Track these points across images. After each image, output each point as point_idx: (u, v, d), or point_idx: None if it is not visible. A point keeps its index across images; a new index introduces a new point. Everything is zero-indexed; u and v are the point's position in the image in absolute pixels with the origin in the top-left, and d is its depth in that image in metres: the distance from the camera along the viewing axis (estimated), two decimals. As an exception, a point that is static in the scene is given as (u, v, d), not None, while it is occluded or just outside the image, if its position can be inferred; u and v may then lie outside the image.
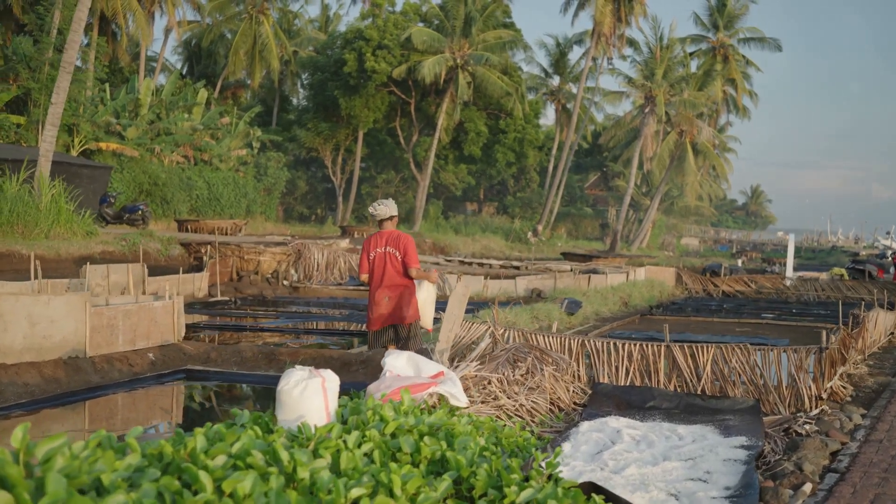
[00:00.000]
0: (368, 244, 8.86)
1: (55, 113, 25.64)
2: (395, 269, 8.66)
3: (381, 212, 8.78)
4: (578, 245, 55.68)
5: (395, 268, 8.66)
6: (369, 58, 49.52)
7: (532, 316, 13.55)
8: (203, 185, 45.36)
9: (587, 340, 8.88)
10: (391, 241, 8.74)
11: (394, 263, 8.65)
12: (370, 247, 8.80)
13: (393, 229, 8.88)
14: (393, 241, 8.74)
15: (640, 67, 51.85)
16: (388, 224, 8.84)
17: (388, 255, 8.66)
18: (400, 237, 8.76)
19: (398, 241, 8.72)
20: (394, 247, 8.69)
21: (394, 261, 8.66)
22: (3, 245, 21.79)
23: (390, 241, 8.73)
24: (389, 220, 8.84)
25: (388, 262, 8.64)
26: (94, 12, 44.51)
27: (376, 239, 8.80)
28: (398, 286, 8.64)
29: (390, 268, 8.64)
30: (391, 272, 8.63)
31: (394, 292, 8.61)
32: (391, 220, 8.86)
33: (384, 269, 8.64)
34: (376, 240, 8.80)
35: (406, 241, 8.74)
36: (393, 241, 8.74)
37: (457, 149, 57.48)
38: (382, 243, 8.73)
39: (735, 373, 8.62)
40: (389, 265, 8.63)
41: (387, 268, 8.63)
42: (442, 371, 6.17)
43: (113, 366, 8.77)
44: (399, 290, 8.62)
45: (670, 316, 18.39)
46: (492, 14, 51.66)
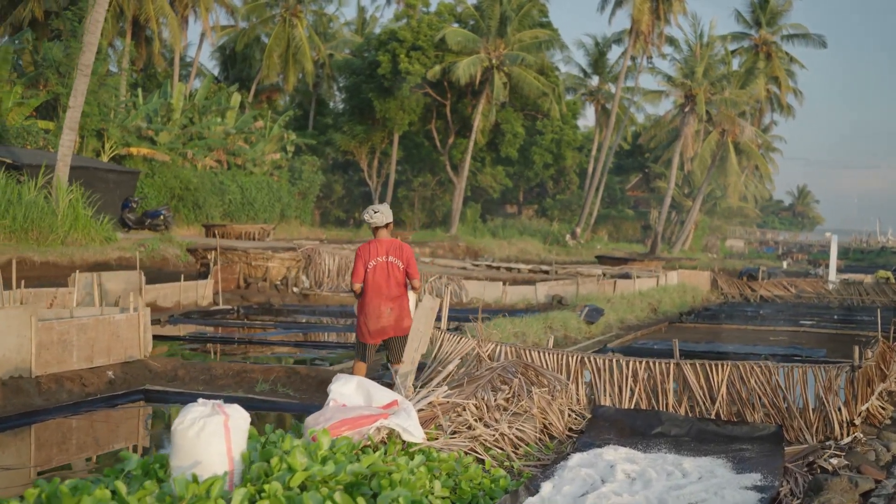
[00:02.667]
0: (366, 252, 8.28)
1: (73, 117, 25.14)
2: (397, 279, 8.20)
3: (378, 219, 8.23)
4: (618, 247, 54.49)
5: (397, 278, 8.19)
6: (403, 59, 48.84)
7: (545, 325, 12.62)
8: (236, 190, 44.95)
9: (587, 357, 7.94)
10: (393, 250, 8.25)
11: (396, 274, 8.18)
12: (368, 255, 8.25)
13: (392, 238, 8.38)
14: (395, 250, 8.27)
15: (679, 66, 50.58)
16: (383, 232, 8.31)
17: (390, 265, 8.18)
18: (402, 247, 8.35)
19: (401, 250, 8.30)
20: (396, 256, 8.23)
21: (396, 271, 8.18)
22: (16, 251, 21.28)
23: (392, 251, 8.23)
24: (385, 227, 8.31)
25: (390, 273, 8.18)
26: (126, 17, 44.38)
27: (375, 247, 8.23)
28: (399, 297, 8.20)
29: (392, 278, 8.18)
30: (393, 283, 8.20)
31: (395, 303, 8.15)
32: (387, 228, 8.34)
33: (387, 280, 8.15)
34: (375, 248, 8.23)
35: (408, 252, 8.35)
36: (395, 250, 8.27)
37: (493, 151, 56.61)
38: (383, 252, 8.19)
39: (754, 394, 7.63)
40: (392, 275, 8.19)
41: (389, 278, 8.17)
42: (395, 400, 5.29)
43: (62, 386, 8.00)
44: (400, 300, 8.19)
45: (701, 323, 17.37)
46: (528, 13, 50.73)
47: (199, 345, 12.33)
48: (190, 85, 51.72)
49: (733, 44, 55.20)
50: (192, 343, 12.38)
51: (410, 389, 6.19)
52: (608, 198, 68.35)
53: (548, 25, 54.13)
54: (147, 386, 8.44)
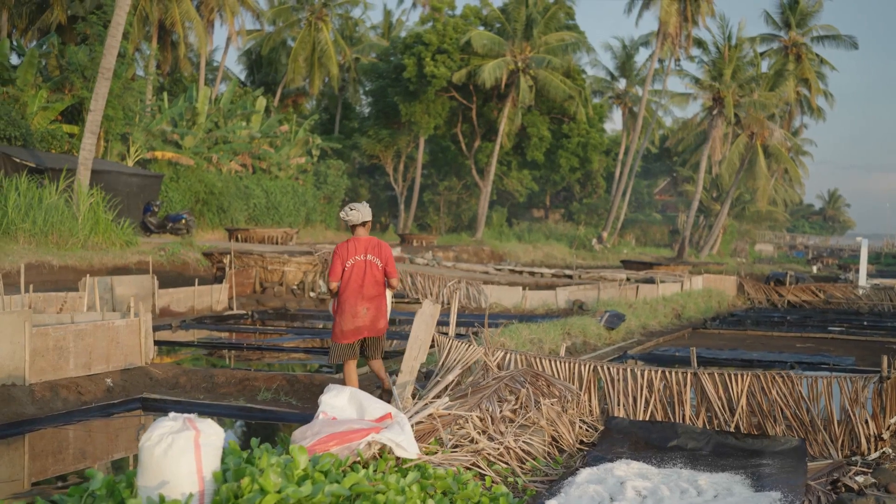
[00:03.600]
0: (344, 251, 8.13)
1: (94, 120, 25.10)
2: (375, 278, 8.05)
3: (354, 217, 8.12)
4: (646, 252, 53.92)
5: (376, 277, 8.05)
6: (428, 62, 48.61)
7: (564, 331, 12.27)
8: (261, 194, 44.90)
9: (600, 367, 7.60)
10: (371, 248, 8.11)
11: (374, 273, 8.04)
12: (346, 254, 8.10)
13: (370, 236, 8.22)
14: (374, 248, 8.13)
15: (707, 68, 49.97)
16: (361, 230, 8.18)
17: (368, 264, 8.04)
18: (381, 245, 8.22)
19: (379, 249, 8.17)
20: (375, 255, 8.10)
21: (374, 270, 8.04)
22: (35, 255, 21.21)
23: (371, 249, 8.09)
24: (362, 225, 8.19)
25: (368, 271, 8.02)
26: (152, 22, 44.48)
27: (353, 245, 8.10)
28: (376, 296, 8.03)
29: (370, 277, 8.03)
30: (370, 282, 8.02)
31: (372, 303, 7.99)
32: (364, 226, 8.21)
33: (363, 279, 7.98)
34: (354, 246, 8.09)
35: (387, 250, 8.20)
36: (374, 248, 8.13)
37: (519, 154, 56.25)
38: (362, 250, 8.05)
39: (776, 406, 7.25)
40: (369, 274, 8.03)
41: (366, 277, 8.01)
42: (389, 413, 4.99)
43: (57, 395, 7.75)
44: (377, 300, 8.03)
45: (725, 329, 16.93)
46: (554, 16, 50.36)
47: (208, 351, 12.08)
48: (216, 89, 51.79)
49: (762, 45, 54.55)
50: (200, 349, 12.14)
51: (409, 400, 5.89)
52: (635, 202, 67.80)
53: (574, 28, 53.73)
54: (145, 394, 8.19)
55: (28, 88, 33.58)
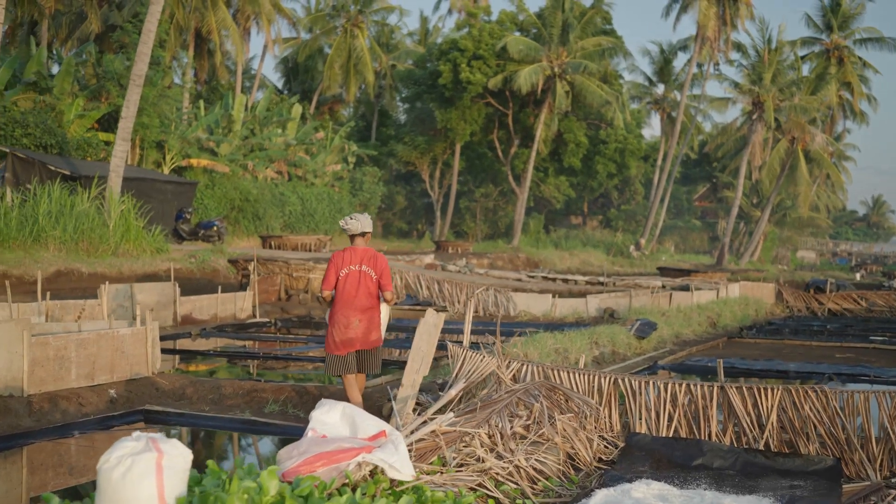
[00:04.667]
0: (340, 259, 7.99)
1: (125, 127, 25.09)
2: (369, 290, 7.90)
3: (353, 226, 8.03)
4: (684, 259, 53.19)
5: (369, 289, 7.90)
6: (464, 69, 48.34)
7: (591, 341, 11.87)
8: (296, 201, 44.88)
9: (621, 379, 7.21)
10: (367, 259, 7.94)
11: (368, 284, 7.90)
12: (341, 262, 7.97)
13: (367, 247, 8.07)
14: (369, 259, 7.96)
15: (747, 72, 49.19)
16: (359, 240, 8.09)
17: (362, 275, 7.90)
18: (377, 256, 8.06)
19: (375, 260, 8.01)
20: (370, 266, 7.95)
21: (368, 281, 7.90)
22: (65, 262, 21.19)
23: (366, 260, 7.93)
24: (361, 235, 8.09)
25: (361, 282, 7.88)
26: (188, 30, 44.67)
27: (349, 255, 7.96)
28: (369, 308, 7.91)
29: (363, 288, 7.89)
30: (364, 293, 7.88)
31: (365, 314, 7.87)
32: (363, 237, 8.11)
33: (357, 290, 7.87)
34: (349, 256, 7.95)
35: (383, 262, 8.05)
36: (369, 259, 7.96)
37: (556, 160, 55.79)
38: (357, 261, 7.91)
39: (809, 423, 6.82)
40: (363, 285, 7.88)
41: (360, 288, 7.89)
42: (384, 431, 4.65)
43: (56, 406, 7.50)
44: (370, 312, 7.91)
45: (762, 338, 16.41)
46: (590, 20, 49.89)
47: (227, 360, 11.83)
48: (252, 97, 51.94)
49: (803, 49, 53.63)
50: (215, 358, 11.89)
51: (409, 416, 5.56)
52: (674, 208, 66.99)
53: (611, 33, 53.20)
54: (147, 406, 7.93)
55: (65, 97, 33.78)
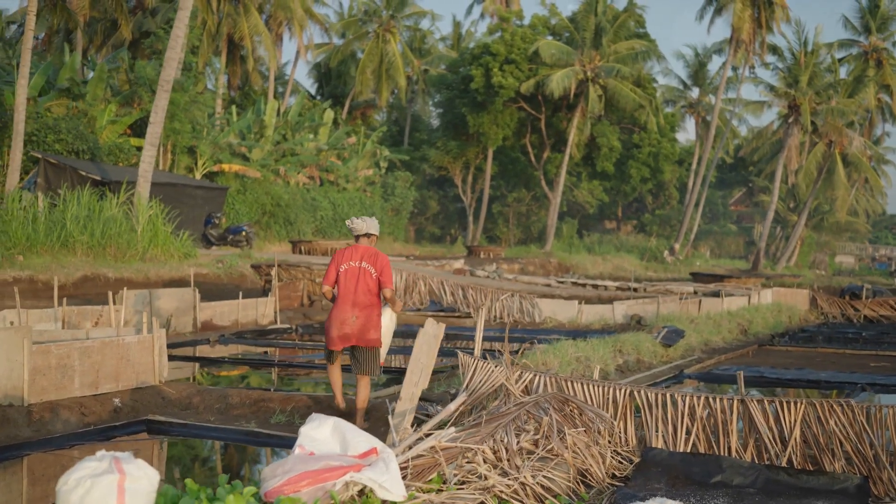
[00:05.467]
0: (340, 256, 8.07)
1: (153, 132, 25.12)
2: (368, 286, 7.95)
3: (358, 226, 8.12)
4: (719, 264, 52.50)
5: (368, 285, 7.95)
6: (496, 73, 48.11)
7: (615, 349, 11.57)
8: (328, 206, 44.86)
9: (637, 391, 6.93)
10: (367, 256, 7.98)
11: (367, 280, 7.95)
12: (342, 259, 8.06)
13: (370, 246, 8.12)
14: (370, 257, 7.98)
15: (782, 75, 48.51)
16: (363, 240, 8.18)
17: (361, 271, 7.95)
18: (377, 254, 8.08)
19: (375, 257, 8.03)
20: (370, 263, 8.00)
21: (368, 278, 7.95)
22: (91, 268, 21.19)
23: (366, 257, 7.97)
24: (367, 237, 8.20)
25: (360, 279, 7.94)
26: (220, 35, 44.83)
27: (350, 252, 8.02)
28: (368, 305, 7.95)
29: (362, 285, 7.93)
30: (363, 289, 7.92)
31: (362, 311, 7.91)
32: (369, 238, 8.22)
33: (356, 286, 7.93)
34: (350, 253, 8.01)
35: (384, 260, 8.07)
36: (370, 257, 7.98)
37: (589, 165, 55.37)
38: (357, 257, 7.97)
39: (834, 438, 6.50)
40: (362, 282, 7.94)
41: (359, 284, 7.93)
42: (375, 448, 4.42)
43: (57, 416, 7.35)
44: (368, 309, 7.94)
45: (794, 346, 15.99)
46: (623, 24, 49.49)
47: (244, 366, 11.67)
48: (285, 102, 52.05)
49: (840, 51, 52.78)
50: (229, 365, 11.73)
51: (407, 431, 5.31)
52: (710, 213, 66.25)
53: (645, 36, 52.74)
54: (149, 416, 7.75)
55: (97, 103, 33.97)
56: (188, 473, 6.69)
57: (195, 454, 7.42)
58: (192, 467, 7.05)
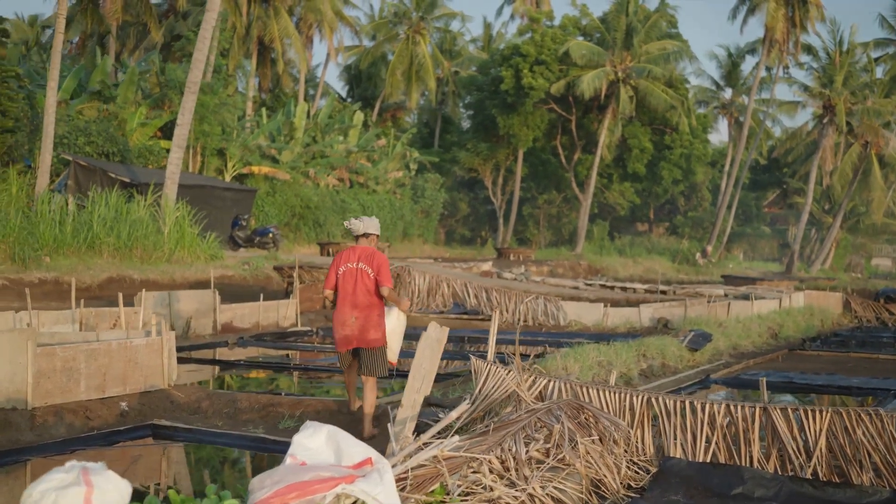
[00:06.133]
0: (339, 258, 8.07)
1: (180, 134, 25.13)
2: (366, 286, 7.87)
3: (356, 227, 8.08)
4: (752, 267, 51.91)
5: (366, 286, 7.87)
6: (526, 74, 47.84)
7: (639, 353, 11.30)
8: (357, 208, 44.77)
9: (655, 398, 6.67)
10: (364, 257, 7.95)
11: (365, 281, 7.87)
12: (340, 261, 8.03)
13: (368, 246, 8.06)
14: (367, 257, 7.95)
15: (817, 75, 47.84)
16: (363, 241, 8.13)
17: (359, 272, 7.89)
18: (374, 254, 8.00)
19: (372, 257, 7.95)
20: (367, 263, 7.91)
21: (365, 278, 7.87)
22: (117, 269, 21.19)
23: (363, 258, 7.95)
24: (365, 237, 8.13)
25: (358, 279, 7.87)
26: (251, 38, 44.93)
27: (349, 253, 7.98)
28: (367, 306, 7.86)
29: (361, 285, 7.86)
30: (361, 290, 7.86)
31: (361, 312, 7.84)
32: (367, 238, 8.15)
33: (354, 287, 7.87)
34: (348, 254, 7.98)
35: (381, 259, 7.97)
36: (367, 257, 7.95)
37: (620, 166, 54.92)
38: (355, 258, 7.95)
39: (862, 449, 6.22)
40: (360, 282, 7.87)
41: (357, 285, 7.86)
42: (370, 458, 4.22)
43: (62, 420, 7.21)
44: (367, 310, 7.86)
45: (826, 351, 15.61)
46: (655, 24, 49.05)
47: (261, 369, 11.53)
48: (316, 104, 52.07)
49: (877, 50, 51.90)
50: (243, 369, 11.59)
51: (408, 439, 5.10)
52: (743, 215, 65.48)
53: (677, 36, 52.24)
54: (155, 421, 7.59)
55: (128, 106, 34.11)
56: (190, 479, 6.54)
57: (199, 460, 7.26)
58: (194, 473, 6.89)
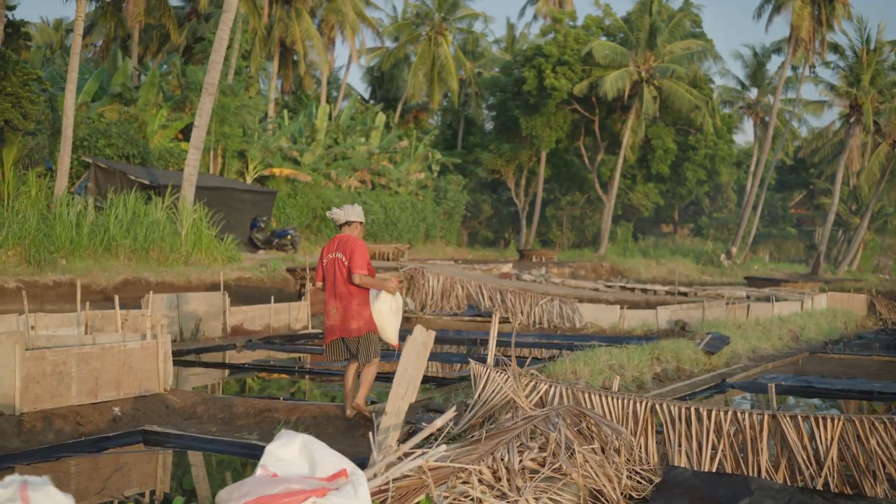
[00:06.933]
0: (324, 250, 8.07)
1: (198, 136, 25.06)
2: (342, 275, 7.82)
3: (338, 216, 8.06)
4: (778, 268, 51.30)
5: (343, 274, 7.82)
6: (549, 75, 47.55)
7: (653, 356, 11.02)
8: (379, 210, 44.64)
9: (659, 405, 6.42)
10: (340, 245, 7.90)
11: (341, 270, 7.82)
12: (324, 253, 8.03)
13: (346, 234, 7.92)
14: (342, 245, 7.88)
15: (843, 74, 47.18)
16: (346, 229, 8.09)
17: (337, 262, 7.85)
18: (349, 241, 7.88)
19: (346, 244, 7.86)
20: (341, 251, 7.85)
21: (341, 267, 7.82)
22: (133, 271, 21.14)
23: (339, 246, 7.90)
24: (347, 225, 8.07)
25: (336, 269, 7.84)
26: (272, 40, 44.93)
27: (330, 244, 7.99)
28: (346, 295, 7.80)
29: (339, 275, 7.82)
30: (339, 279, 7.83)
31: (341, 302, 7.83)
32: (350, 226, 8.06)
33: (334, 277, 7.85)
34: (330, 245, 8.04)
35: (353, 245, 7.82)
36: (342, 245, 7.88)
37: (644, 167, 54.50)
38: (334, 248, 7.93)
39: (876, 459, 5.93)
40: (338, 272, 7.83)
41: (336, 275, 7.83)
42: (344, 469, 4.00)
43: (51, 425, 7.04)
44: (346, 300, 7.80)
45: (848, 354, 15.25)
46: (679, 24, 48.63)
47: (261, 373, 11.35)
48: (338, 106, 52.00)
49: (905, 48, 51.21)
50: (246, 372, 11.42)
51: (391, 448, 4.88)
52: (769, 216, 64.83)
53: (701, 36, 51.78)
54: (146, 427, 7.40)
55: (149, 108, 34.14)
56: (176, 487, 6.36)
57: (188, 467, 7.06)
58: (182, 480, 6.70)
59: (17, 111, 24.35)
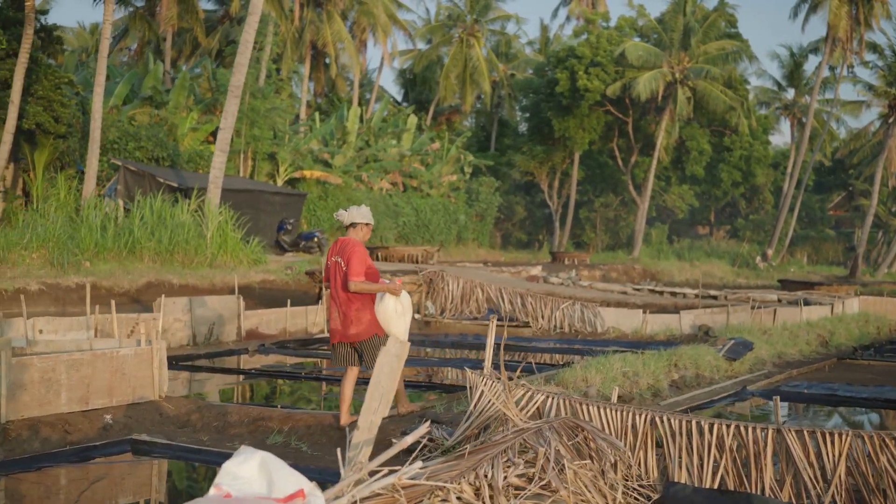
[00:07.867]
0: (329, 252, 7.95)
1: (224, 139, 25.06)
2: (341, 280, 7.69)
3: (342, 217, 7.92)
4: (815, 271, 50.45)
5: (341, 279, 7.68)
6: (581, 76, 47.18)
7: (671, 363, 10.71)
8: (411, 212, 44.52)
9: (659, 418, 6.15)
10: (341, 249, 7.77)
11: (340, 274, 7.69)
12: (328, 255, 7.93)
13: (349, 237, 7.73)
14: (342, 249, 7.75)
15: (882, 73, 46.34)
16: (350, 231, 7.88)
17: (336, 266, 7.74)
18: (348, 245, 7.69)
19: (345, 249, 7.71)
20: (341, 256, 7.70)
21: (340, 272, 7.69)
22: (157, 274, 21.14)
23: (340, 250, 7.77)
24: (352, 226, 7.86)
25: (336, 273, 7.73)
26: (304, 43, 44.99)
27: (334, 246, 7.90)
28: (345, 300, 7.67)
29: (339, 279, 7.69)
30: (340, 285, 7.69)
31: (341, 308, 7.70)
32: (355, 228, 7.86)
33: (334, 281, 7.75)
34: (333, 247, 7.89)
35: (352, 250, 7.62)
36: (342, 249, 7.75)
37: (678, 169, 53.94)
38: (335, 252, 7.82)
39: (886, 477, 5.63)
40: (338, 276, 7.71)
41: (337, 279, 7.71)
42: (301, 490, 3.80)
43: (37, 434, 6.90)
44: (345, 304, 7.66)
45: (879, 360, 14.80)
46: (713, 24, 48.05)
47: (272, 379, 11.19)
48: (370, 108, 51.97)
49: (945, 47, 50.20)
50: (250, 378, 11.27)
51: (361, 465, 4.66)
52: (807, 218, 63.88)
53: (736, 36, 51.10)
54: (133, 436, 7.23)
55: (179, 111, 34.25)
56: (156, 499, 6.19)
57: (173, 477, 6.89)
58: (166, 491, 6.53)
59: (49, 114, 24.48)
